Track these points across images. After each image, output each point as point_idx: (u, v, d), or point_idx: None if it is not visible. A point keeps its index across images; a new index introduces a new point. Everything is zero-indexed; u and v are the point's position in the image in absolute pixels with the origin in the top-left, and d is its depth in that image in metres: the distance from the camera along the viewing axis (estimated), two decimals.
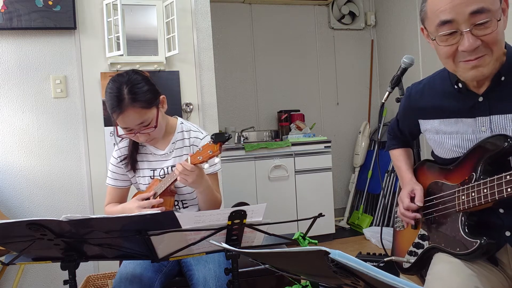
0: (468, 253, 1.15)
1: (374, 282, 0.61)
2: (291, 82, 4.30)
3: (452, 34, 1.10)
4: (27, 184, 2.45)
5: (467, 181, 1.20)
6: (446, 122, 1.29)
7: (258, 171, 3.47)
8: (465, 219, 1.19)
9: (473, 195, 1.15)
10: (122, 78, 1.59)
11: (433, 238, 1.31)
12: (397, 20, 4.08)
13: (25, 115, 2.44)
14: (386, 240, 1.70)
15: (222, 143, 1.42)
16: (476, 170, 1.18)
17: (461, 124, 1.25)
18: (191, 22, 2.67)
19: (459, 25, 1.08)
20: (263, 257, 0.86)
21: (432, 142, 1.37)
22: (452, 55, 1.13)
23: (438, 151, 1.35)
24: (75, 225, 1.13)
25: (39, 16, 2.38)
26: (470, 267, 1.17)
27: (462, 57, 1.12)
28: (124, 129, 1.60)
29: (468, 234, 1.17)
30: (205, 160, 1.44)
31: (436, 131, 1.32)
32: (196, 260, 1.54)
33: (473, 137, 1.23)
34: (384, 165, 3.93)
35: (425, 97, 1.35)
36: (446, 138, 1.29)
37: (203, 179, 1.56)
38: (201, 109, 2.69)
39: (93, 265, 2.52)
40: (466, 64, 1.12)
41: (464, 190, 1.19)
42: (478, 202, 1.13)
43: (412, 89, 1.43)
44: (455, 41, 1.11)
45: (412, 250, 1.37)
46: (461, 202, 1.20)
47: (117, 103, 1.53)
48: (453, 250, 1.21)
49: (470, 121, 1.23)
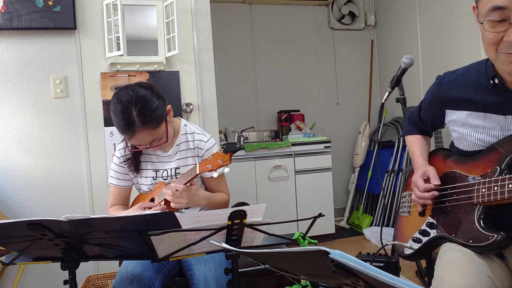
0: (483, 246, 1.15)
1: (374, 282, 0.61)
2: (291, 82, 4.30)
3: (502, 21, 1.07)
4: (27, 184, 2.45)
5: (489, 174, 1.19)
6: (474, 115, 1.27)
7: (258, 171, 3.47)
8: (481, 212, 1.19)
9: (496, 189, 1.14)
10: (128, 97, 1.52)
11: (442, 228, 1.30)
12: (397, 20, 4.08)
13: (25, 115, 2.44)
14: (386, 240, 1.70)
15: (233, 153, 1.42)
16: (500, 164, 1.17)
17: (490, 120, 1.24)
18: (191, 22, 2.67)
19: (511, 14, 1.06)
20: (263, 257, 0.86)
21: (455, 134, 1.35)
22: (497, 43, 1.11)
23: (460, 143, 1.33)
24: (75, 225, 1.13)
25: (39, 16, 2.38)
26: (481, 257, 1.18)
27: (505, 48, 1.09)
28: (136, 144, 1.62)
29: (484, 227, 1.17)
30: (214, 169, 1.45)
31: (462, 123, 1.30)
32: (196, 259, 1.54)
33: (500, 133, 1.22)
34: (384, 165, 3.93)
35: (457, 87, 1.32)
36: (471, 131, 1.28)
37: (199, 196, 1.58)
38: (201, 109, 2.69)
39: (93, 265, 2.52)
40: (507, 57, 1.10)
41: (486, 183, 1.18)
42: (501, 197, 1.12)
43: (444, 77, 1.39)
44: (503, 29, 1.08)
45: (417, 237, 1.36)
46: (480, 195, 1.19)
47: (127, 126, 1.51)
48: (465, 241, 1.20)
49: (499, 117, 1.22)
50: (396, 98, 2.30)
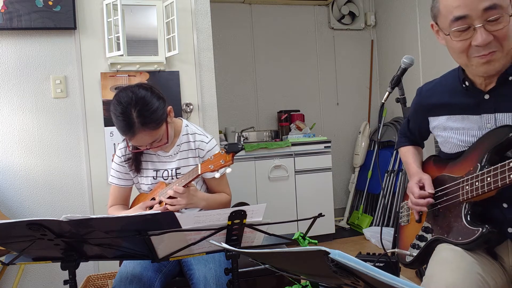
0: (470, 241, 1.17)
1: (374, 282, 0.61)
2: (291, 82, 4.30)
3: (466, 29, 1.13)
4: (27, 184, 2.45)
5: (471, 171, 1.22)
6: (453, 119, 1.32)
7: (258, 171, 3.47)
8: (468, 209, 1.21)
9: (477, 184, 1.17)
10: (128, 98, 1.52)
11: (436, 230, 1.33)
12: (397, 20, 4.08)
13: (25, 115, 2.44)
14: (386, 240, 1.71)
15: (235, 153, 1.42)
16: (481, 161, 1.20)
17: (467, 121, 1.29)
18: (191, 22, 2.67)
19: (473, 21, 1.12)
20: (263, 257, 0.86)
21: (440, 139, 1.40)
22: (466, 50, 1.17)
23: (445, 147, 1.38)
24: (75, 225, 1.13)
25: (39, 16, 2.38)
26: (473, 255, 1.19)
27: (476, 52, 1.15)
28: (136, 145, 1.63)
29: (470, 222, 1.19)
30: (216, 169, 1.45)
31: (444, 127, 1.36)
32: (196, 259, 1.54)
33: (479, 133, 1.26)
34: (384, 165, 3.93)
35: (435, 95, 1.39)
36: (452, 134, 1.33)
37: (197, 197, 1.59)
38: (201, 109, 2.69)
39: (93, 265, 2.52)
40: (480, 59, 1.15)
41: (468, 180, 1.21)
42: (482, 191, 1.15)
43: (423, 87, 1.47)
44: (468, 36, 1.14)
45: (415, 243, 1.39)
46: (464, 192, 1.22)
47: (127, 128, 1.52)
48: (455, 239, 1.23)
49: (476, 118, 1.26)
50: (396, 98, 2.30)
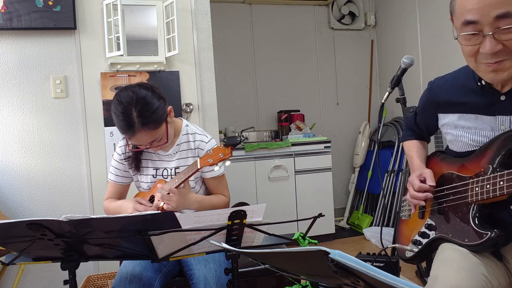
0: (477, 244, 1.16)
1: (374, 282, 0.61)
2: (291, 82, 4.30)
3: (475, 34, 1.11)
4: (27, 184, 2.45)
5: (482, 173, 1.20)
6: (465, 117, 1.30)
7: (258, 171, 3.47)
8: (476, 211, 1.20)
9: (488, 187, 1.15)
10: (128, 98, 1.53)
11: (440, 229, 1.31)
12: (397, 20, 4.08)
13: (25, 115, 2.44)
14: (386, 240, 1.71)
15: (234, 146, 1.42)
16: (493, 163, 1.18)
17: (480, 121, 1.26)
18: (191, 22, 2.67)
19: (483, 27, 1.09)
20: (263, 257, 0.86)
21: (449, 137, 1.37)
22: (474, 55, 1.14)
23: (454, 145, 1.36)
24: (75, 225, 1.13)
25: (39, 16, 2.38)
26: (477, 256, 1.18)
27: (483, 59, 1.13)
28: (136, 144, 1.64)
29: (478, 225, 1.18)
30: (215, 163, 1.44)
31: (455, 125, 1.33)
32: (196, 259, 1.54)
33: (491, 134, 1.24)
34: (384, 165, 3.93)
35: (447, 91, 1.36)
36: (463, 132, 1.30)
37: (190, 200, 1.58)
38: (201, 109, 2.69)
39: (93, 265, 2.52)
40: (487, 67, 1.13)
41: (479, 182, 1.19)
42: (493, 195, 1.13)
43: (434, 83, 1.44)
44: (477, 42, 1.11)
45: (417, 240, 1.37)
46: (474, 194, 1.20)
47: (127, 127, 1.52)
48: (461, 240, 1.21)
49: (489, 118, 1.24)
50: (396, 98, 2.30)
